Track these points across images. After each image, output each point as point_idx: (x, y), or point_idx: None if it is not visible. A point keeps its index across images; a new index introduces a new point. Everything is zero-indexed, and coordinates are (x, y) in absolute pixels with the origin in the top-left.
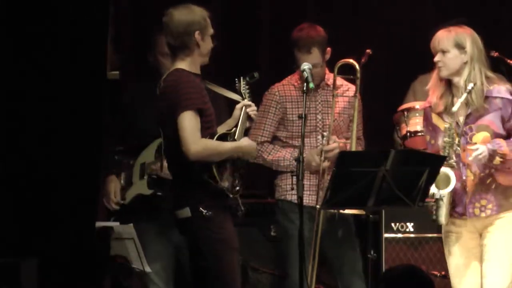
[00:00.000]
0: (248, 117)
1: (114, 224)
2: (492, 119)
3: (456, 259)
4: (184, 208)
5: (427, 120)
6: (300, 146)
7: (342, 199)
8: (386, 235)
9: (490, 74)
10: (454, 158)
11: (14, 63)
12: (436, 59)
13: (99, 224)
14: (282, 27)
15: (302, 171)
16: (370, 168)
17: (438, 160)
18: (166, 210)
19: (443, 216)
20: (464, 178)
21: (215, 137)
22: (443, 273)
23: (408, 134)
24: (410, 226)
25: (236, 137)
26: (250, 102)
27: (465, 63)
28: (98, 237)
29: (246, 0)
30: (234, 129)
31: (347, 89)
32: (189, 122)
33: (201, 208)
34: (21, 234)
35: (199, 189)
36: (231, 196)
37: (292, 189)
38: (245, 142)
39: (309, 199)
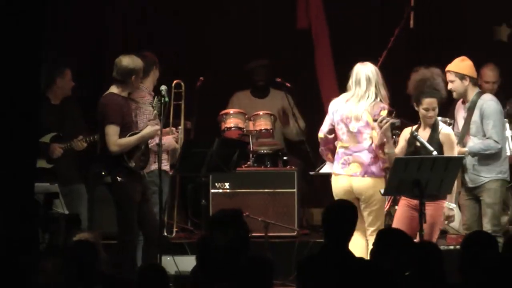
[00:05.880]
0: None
1: (45, 184)
2: None
3: None
4: (107, 177)
5: None
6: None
7: (186, 168)
8: (212, 190)
9: None
10: None
11: None
12: None
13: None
14: None
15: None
16: (203, 149)
17: (244, 144)
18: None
19: None
20: None
21: (128, 134)
22: (247, 213)
23: (226, 129)
24: (227, 184)
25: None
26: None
27: None
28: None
29: None
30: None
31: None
32: (111, 131)
33: (117, 177)
34: None
35: (118, 165)
36: (137, 171)
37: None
38: (146, 130)
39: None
